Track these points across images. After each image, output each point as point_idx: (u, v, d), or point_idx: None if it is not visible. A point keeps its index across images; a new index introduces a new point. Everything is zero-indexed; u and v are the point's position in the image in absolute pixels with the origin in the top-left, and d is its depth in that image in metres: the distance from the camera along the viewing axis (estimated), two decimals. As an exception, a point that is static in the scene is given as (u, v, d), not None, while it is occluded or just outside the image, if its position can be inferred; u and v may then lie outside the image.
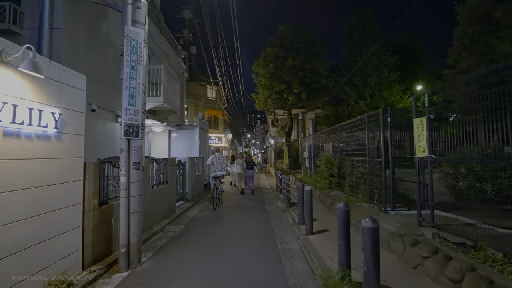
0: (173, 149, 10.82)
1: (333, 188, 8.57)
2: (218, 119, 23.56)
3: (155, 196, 5.75)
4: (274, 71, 17.53)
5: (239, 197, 10.26)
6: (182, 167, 8.48)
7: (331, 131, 9.44)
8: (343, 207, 3.44)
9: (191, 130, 10.77)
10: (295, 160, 20.40)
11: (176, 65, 13.47)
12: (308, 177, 12.49)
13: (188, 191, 8.64)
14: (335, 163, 8.44)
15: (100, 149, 7.05)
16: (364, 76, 18.05)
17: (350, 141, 7.79)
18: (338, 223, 3.45)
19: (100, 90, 7.12)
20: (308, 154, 12.75)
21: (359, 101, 17.65)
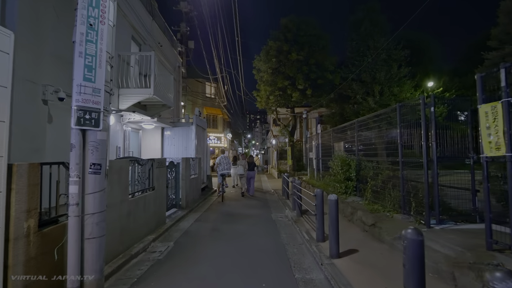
0: (167, 149, 9.58)
1: (349, 193, 7.34)
2: (217, 118, 22.30)
3: (136, 207, 4.50)
4: (277, 66, 16.33)
5: (240, 201, 9.03)
6: (175, 170, 7.24)
7: (346, 128, 8.21)
8: (413, 235, 2.19)
9: (187, 128, 9.54)
10: (298, 161, 19.17)
11: (171, 58, 12.25)
12: (316, 180, 11.26)
13: (182, 197, 7.39)
14: (353, 164, 7.21)
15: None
16: (372, 72, 16.85)
17: (373, 139, 6.57)
18: (405, 259, 2.21)
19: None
20: (316, 154, 11.53)
21: (367, 98, 16.43)
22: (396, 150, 5.52)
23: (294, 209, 7.10)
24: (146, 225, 4.88)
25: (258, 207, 8.29)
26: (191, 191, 8.10)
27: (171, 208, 6.97)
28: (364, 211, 5.74)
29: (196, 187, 8.81)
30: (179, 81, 13.34)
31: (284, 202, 8.60)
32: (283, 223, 6.29)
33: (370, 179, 6.41)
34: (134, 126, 8.75)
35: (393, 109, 5.50)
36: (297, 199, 6.51)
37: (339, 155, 7.65)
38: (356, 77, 17.20)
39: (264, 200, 9.59)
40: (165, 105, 9.15)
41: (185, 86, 17.77)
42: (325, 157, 10.55)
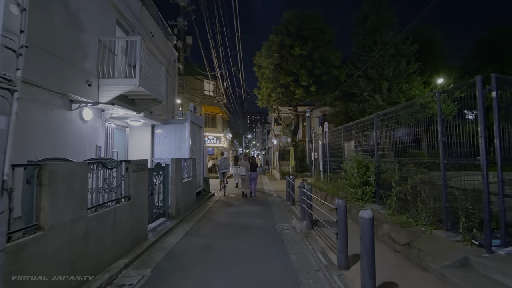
0: (158, 149, 8.43)
1: (367, 200, 6.18)
2: (216, 117, 21.11)
3: (100, 224, 3.35)
4: (279, 62, 15.21)
5: (240, 206, 7.88)
6: (163, 173, 6.08)
7: (361, 124, 7.05)
8: None
9: (180, 125, 8.39)
10: (301, 162, 18.03)
11: (165, 51, 11.11)
12: (323, 183, 10.11)
13: (172, 205, 6.23)
14: (372, 167, 6.04)
15: (41, 147, 4.71)
16: (379, 68, 15.73)
17: (398, 136, 5.41)
18: None
19: (44, 63, 4.79)
20: (322, 154, 10.37)
21: (374, 96, 15.29)
22: (432, 149, 4.38)
23: (303, 219, 5.94)
24: (117, 246, 3.72)
25: (260, 215, 7.12)
26: (183, 197, 6.94)
27: (157, 218, 5.81)
28: (392, 224, 4.58)
29: (190, 192, 7.65)
30: (175, 76, 12.21)
31: (289, 209, 7.44)
32: (291, 237, 5.13)
33: (395, 184, 5.24)
34: (120, 123, 7.60)
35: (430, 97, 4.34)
36: (307, 209, 5.34)
37: (354, 155, 6.49)
38: (362, 74, 16.08)
39: (266, 205, 8.42)
40: (156, 99, 8.02)
41: (183, 83, 16.69)
42: (333, 157, 9.40)
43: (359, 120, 7.23)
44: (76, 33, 5.74)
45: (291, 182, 7.84)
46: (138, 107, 8.15)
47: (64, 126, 5.35)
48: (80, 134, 5.86)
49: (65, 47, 5.38)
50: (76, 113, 5.71)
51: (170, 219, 6.11)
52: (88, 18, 6.09)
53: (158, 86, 7.81)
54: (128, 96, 7.66)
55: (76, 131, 5.74)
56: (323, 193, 8.41)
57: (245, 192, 10.23)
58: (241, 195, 10.27)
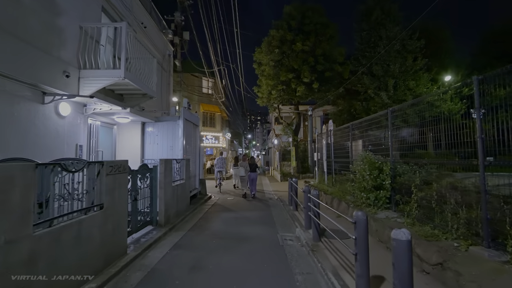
0: (148, 149, 7.70)
1: (380, 206, 5.44)
2: (215, 116, 20.35)
3: (56, 242, 2.63)
4: (280, 58, 14.48)
5: (238, 211, 7.15)
6: (150, 175, 5.36)
7: (372, 121, 6.32)
8: None
9: (173, 123, 7.66)
10: (303, 163, 17.28)
11: (159, 44, 10.40)
12: (327, 185, 9.37)
13: (160, 211, 5.50)
14: (386, 168, 5.31)
15: (4, 145, 4.01)
16: (385, 65, 15.01)
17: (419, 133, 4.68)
18: None
19: (10, 49, 4.10)
20: (326, 155, 9.64)
21: (380, 93, 14.56)
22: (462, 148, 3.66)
23: (308, 227, 5.22)
24: (83, 266, 2.99)
25: (260, 221, 6.39)
26: (174, 202, 6.22)
27: (143, 227, 5.08)
28: (416, 237, 3.83)
29: (183, 196, 6.92)
30: (170, 72, 11.50)
31: (292, 215, 6.70)
32: (296, 251, 4.40)
33: (416, 189, 4.51)
34: (106, 120, 6.88)
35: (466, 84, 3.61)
36: (314, 218, 4.60)
37: (365, 156, 5.75)
38: (366, 71, 15.37)
39: (267, 210, 7.70)
40: (146, 94, 7.31)
41: (180, 80, 16.00)
42: (339, 158, 8.67)
43: (370, 116, 6.50)
44: (52, 18, 5.02)
45: (294, 185, 7.11)
46: (127, 103, 7.44)
47: (35, 122, 4.64)
48: (56, 131, 5.14)
49: (39, 33, 4.68)
50: (50, 108, 4.99)
51: (158, 228, 5.38)
52: (67, 2, 5.38)
53: (148, 80, 7.10)
54: (116, 90, 6.96)
55: (51, 128, 5.02)
56: (329, 196, 7.68)
57: (246, 192, 10.06)
58: (241, 197, 10.02)
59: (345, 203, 6.45)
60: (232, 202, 9.01)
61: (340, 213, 4.62)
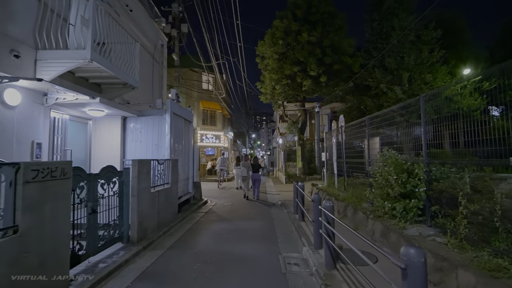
0: (130, 147, 6.60)
1: (410, 218, 4.21)
2: (215, 114, 19.19)
3: None
4: (284, 50, 13.30)
5: (233, 221, 6.02)
6: (118, 180, 4.24)
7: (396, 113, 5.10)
8: None
9: (158, 117, 6.55)
10: (309, 163, 16.04)
11: (149, 32, 9.33)
12: (338, 189, 8.15)
13: (132, 224, 4.38)
14: (420, 172, 4.08)
15: None
16: (398, 57, 13.71)
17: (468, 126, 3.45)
18: None
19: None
20: (337, 155, 8.43)
21: (393, 88, 13.25)
22: None
23: (319, 247, 4.03)
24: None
25: (259, 235, 5.22)
26: (154, 212, 5.09)
27: (108, 246, 3.96)
28: (478, 275, 2.61)
29: (167, 204, 5.79)
30: (163, 63, 10.43)
31: (298, 227, 5.50)
32: (302, 283, 3.21)
33: (464, 199, 3.28)
34: (77, 114, 5.81)
35: None
36: (328, 238, 3.39)
37: (390, 155, 4.53)
38: (378, 64, 14.08)
39: (268, 219, 6.52)
40: (127, 84, 6.23)
41: (178, 76, 14.96)
42: (352, 158, 7.46)
43: (393, 107, 5.27)
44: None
45: (300, 190, 5.91)
46: (106, 94, 6.38)
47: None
48: (2, 124, 4.08)
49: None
50: (-10, 95, 3.92)
51: (130, 246, 4.26)
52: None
53: (129, 67, 6.02)
54: (90, 78, 5.89)
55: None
56: (341, 203, 6.47)
57: (246, 194, 9.64)
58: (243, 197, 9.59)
59: (362, 213, 5.23)
60: (229, 209, 7.86)
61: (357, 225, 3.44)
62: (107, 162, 5.54)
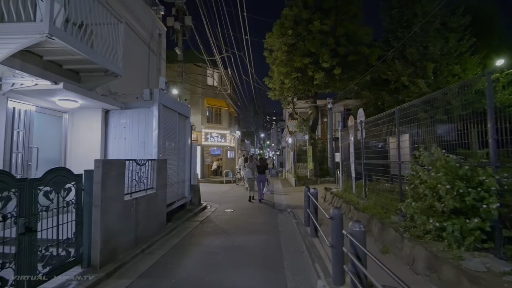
0: (113, 145, 5.62)
1: (469, 244, 3.00)
2: (221, 111, 18.14)
3: None
4: (294, 41, 12.12)
5: (234, 233, 4.94)
6: (75, 186, 3.23)
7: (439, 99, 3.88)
8: None
9: (145, 111, 5.54)
10: (321, 164, 14.76)
11: (143, 19, 8.37)
12: (356, 195, 6.93)
13: (94, 243, 3.34)
14: (491, 180, 2.86)
15: None
16: (421, 47, 12.29)
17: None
18: None
19: None
20: (355, 155, 7.22)
21: (416, 81, 11.84)
22: None
23: (339, 282, 2.87)
24: None
25: (260, 256, 4.12)
26: (129, 225, 4.07)
27: (60, 272, 2.95)
28: None
29: (150, 214, 4.76)
30: (160, 54, 9.48)
31: (310, 245, 4.35)
32: None
33: None
34: (47, 105, 4.86)
35: None
36: (356, 280, 2.25)
37: (440, 156, 3.31)
38: (398, 55, 12.70)
39: (273, 232, 5.40)
40: (108, 71, 5.26)
41: (181, 71, 14.04)
42: (373, 159, 6.27)
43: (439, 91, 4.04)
44: None
45: (313, 200, 4.74)
46: (86, 84, 5.44)
47: None
48: None
49: None
50: None
51: (90, 271, 3.23)
52: None
53: (111, 51, 5.04)
54: (63, 63, 4.95)
55: None
56: (363, 214, 5.26)
57: (251, 195, 9.28)
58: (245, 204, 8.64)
59: (394, 230, 4.03)
60: (229, 216, 6.78)
61: (387, 247, 2.23)
62: (86, 162, 4.58)
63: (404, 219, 4.42)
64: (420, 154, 3.79)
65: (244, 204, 8.52)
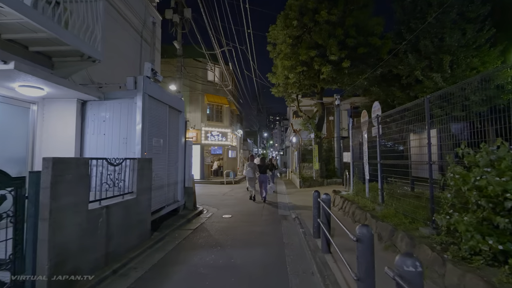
0: (91, 142, 4.82)
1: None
2: (222, 109, 17.27)
3: None
4: (300, 33, 11.28)
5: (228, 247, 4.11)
6: (15, 193, 2.41)
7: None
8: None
9: (128, 102, 4.73)
10: (327, 164, 13.86)
11: (134, 4, 7.59)
12: (371, 199, 6.05)
13: (41, 267, 2.53)
14: None
15: None
16: (435, 39, 11.35)
17: None
18: None
19: None
20: (368, 155, 6.35)
21: (432, 75, 10.89)
22: None
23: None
24: None
25: (261, 279, 3.28)
26: (96, 241, 3.25)
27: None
28: None
29: (128, 225, 3.94)
30: (154, 44, 8.69)
31: (321, 264, 3.48)
32: None
33: None
34: (6, 92, 4.08)
35: None
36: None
37: (506, 155, 2.44)
38: (410, 48, 11.79)
39: (277, 244, 4.55)
40: (84, 55, 4.48)
41: (180, 65, 13.28)
42: (391, 159, 5.39)
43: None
44: None
45: (324, 207, 3.87)
46: (60, 70, 4.68)
47: None
48: None
49: None
50: None
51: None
52: None
53: (85, 31, 4.26)
54: (29, 45, 4.18)
55: None
56: (383, 224, 4.38)
57: (253, 196, 9.15)
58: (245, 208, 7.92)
59: (429, 249, 3.15)
60: (227, 224, 5.94)
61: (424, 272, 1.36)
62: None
63: (436, 232, 3.56)
64: (465, 151, 2.92)
65: (244, 208, 7.69)
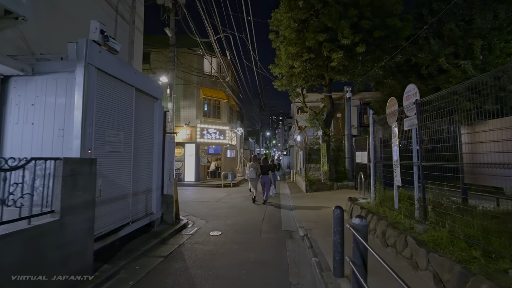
0: (14, 133, 3.35)
1: None
2: (220, 104, 15.65)
3: None
4: (306, 16, 9.71)
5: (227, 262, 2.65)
6: None
7: None
8: None
9: (68, 76, 3.27)
10: (337, 166, 12.27)
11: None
12: (402, 212, 4.49)
13: None
14: None
15: None
16: (461, 23, 9.76)
17: None
18: None
19: None
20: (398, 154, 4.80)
21: (459, 62, 9.28)
22: None
23: None
24: None
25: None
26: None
27: None
28: None
29: (35, 266, 2.45)
30: (133, 22, 7.21)
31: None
32: None
33: None
34: None
35: None
36: None
37: None
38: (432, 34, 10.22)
39: (279, 281, 3.04)
40: (7, 12, 2.99)
41: (173, 55, 11.88)
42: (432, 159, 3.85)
43: None
44: None
45: (359, 238, 2.33)
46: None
47: None
48: None
49: None
50: None
51: None
52: None
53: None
54: None
55: None
56: (442, 260, 2.80)
57: (254, 197, 8.76)
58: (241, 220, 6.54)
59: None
60: (212, 247, 4.38)
61: None
62: None
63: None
64: None
65: (240, 220, 6.16)
